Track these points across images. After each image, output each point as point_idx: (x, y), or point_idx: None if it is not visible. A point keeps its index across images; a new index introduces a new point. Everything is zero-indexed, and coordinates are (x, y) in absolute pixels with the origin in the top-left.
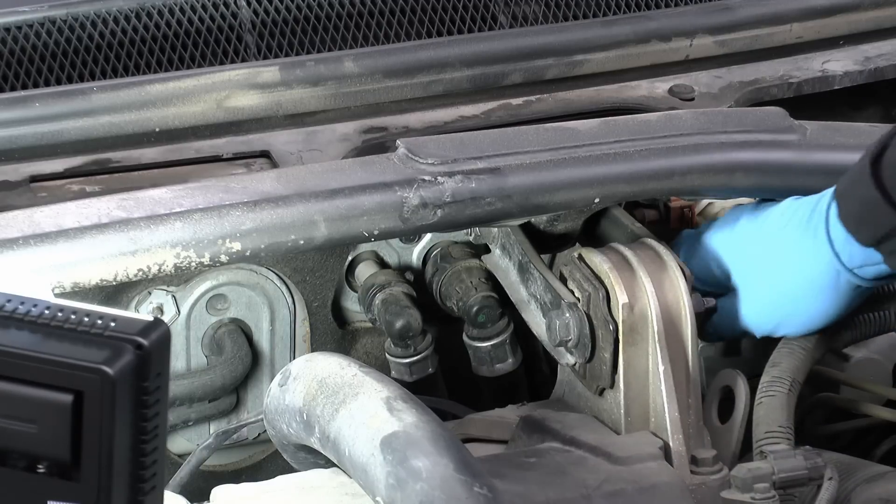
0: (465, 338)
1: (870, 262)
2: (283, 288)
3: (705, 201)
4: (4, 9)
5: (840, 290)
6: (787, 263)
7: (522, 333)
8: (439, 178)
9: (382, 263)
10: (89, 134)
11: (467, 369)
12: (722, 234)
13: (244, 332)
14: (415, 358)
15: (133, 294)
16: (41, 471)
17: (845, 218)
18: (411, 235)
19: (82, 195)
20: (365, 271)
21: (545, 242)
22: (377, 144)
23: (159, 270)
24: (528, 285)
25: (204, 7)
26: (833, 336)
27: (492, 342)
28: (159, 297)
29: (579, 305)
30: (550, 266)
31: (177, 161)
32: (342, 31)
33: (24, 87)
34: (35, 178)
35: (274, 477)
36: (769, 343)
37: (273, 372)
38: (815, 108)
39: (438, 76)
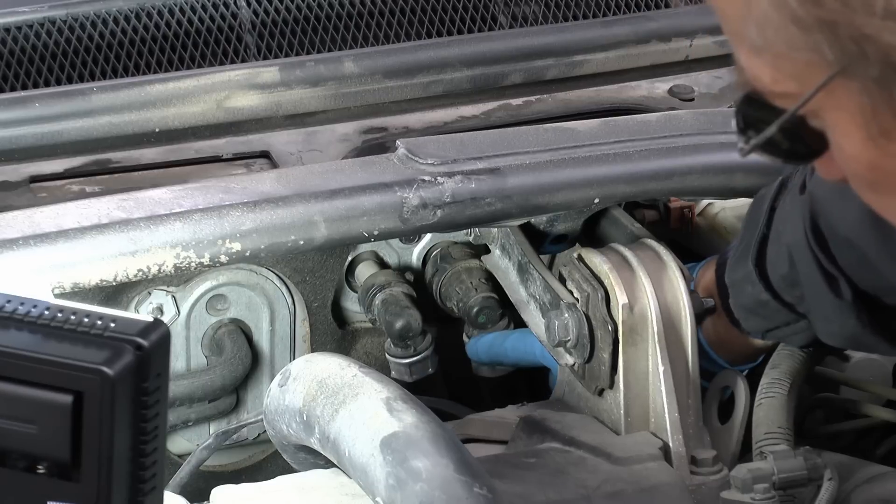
0: (465, 338)
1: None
2: (283, 288)
3: (705, 201)
4: (4, 9)
5: None
6: None
7: None
8: (439, 178)
9: (382, 264)
10: (89, 134)
11: (467, 369)
12: None
13: (244, 332)
14: (415, 358)
15: (133, 294)
16: (41, 471)
17: (736, 308)
18: (411, 236)
19: (82, 195)
20: (365, 271)
21: (544, 243)
22: (377, 145)
23: (159, 271)
24: (527, 286)
25: (204, 7)
26: None
27: None
28: (159, 297)
29: (578, 306)
30: (550, 266)
31: (177, 161)
32: (342, 31)
33: (24, 87)
34: (35, 179)
35: (274, 477)
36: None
37: (273, 372)
38: None
39: (438, 76)
